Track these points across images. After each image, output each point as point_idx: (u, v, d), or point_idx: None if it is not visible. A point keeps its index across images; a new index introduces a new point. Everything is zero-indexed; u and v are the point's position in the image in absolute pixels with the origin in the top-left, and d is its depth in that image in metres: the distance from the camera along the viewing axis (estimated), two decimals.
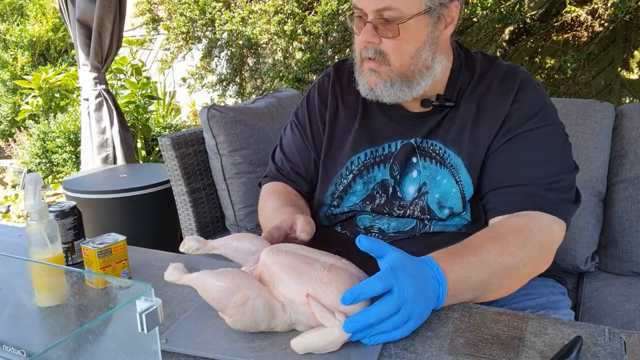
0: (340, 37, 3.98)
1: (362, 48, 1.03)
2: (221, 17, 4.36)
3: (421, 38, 1.01)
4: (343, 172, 1.13)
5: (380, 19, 0.99)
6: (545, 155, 1.02)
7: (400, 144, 1.10)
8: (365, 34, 1.00)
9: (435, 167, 1.07)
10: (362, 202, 1.11)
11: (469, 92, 1.07)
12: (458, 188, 1.05)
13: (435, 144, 1.08)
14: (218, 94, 4.67)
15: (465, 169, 1.05)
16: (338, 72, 1.22)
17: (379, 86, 1.04)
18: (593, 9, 3.49)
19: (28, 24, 5.99)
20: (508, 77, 1.07)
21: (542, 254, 0.96)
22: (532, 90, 1.05)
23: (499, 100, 1.05)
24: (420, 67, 1.03)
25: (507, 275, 0.91)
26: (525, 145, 1.02)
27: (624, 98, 3.79)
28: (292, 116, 1.28)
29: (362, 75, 1.06)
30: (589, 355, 0.75)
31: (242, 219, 1.88)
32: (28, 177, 0.91)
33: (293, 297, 0.79)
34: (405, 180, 1.09)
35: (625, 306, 1.40)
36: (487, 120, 1.04)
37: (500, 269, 0.90)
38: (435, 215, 1.06)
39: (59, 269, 0.86)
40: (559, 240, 0.99)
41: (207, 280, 0.78)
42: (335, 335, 0.75)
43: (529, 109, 1.03)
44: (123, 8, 2.95)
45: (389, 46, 1.01)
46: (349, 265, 0.85)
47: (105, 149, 3.10)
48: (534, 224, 0.96)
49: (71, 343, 0.58)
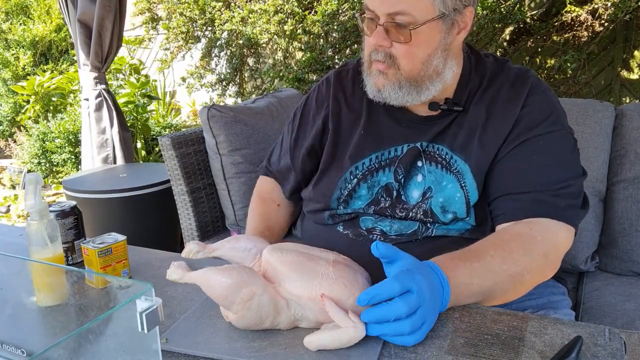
0: (341, 37, 3.97)
1: (372, 50, 1.01)
2: (221, 16, 4.36)
3: (433, 44, 0.99)
4: (347, 177, 1.12)
5: (392, 23, 0.96)
6: (555, 160, 1.01)
7: (406, 148, 1.08)
8: (376, 37, 0.98)
9: (440, 172, 1.06)
10: (366, 207, 1.11)
11: (478, 97, 1.06)
12: (463, 193, 1.03)
13: (441, 149, 1.06)
14: (218, 94, 4.67)
15: (472, 175, 1.03)
16: (340, 76, 1.20)
17: (387, 88, 1.02)
18: (593, 9, 3.49)
19: (32, 23, 5.99)
20: (518, 82, 1.05)
21: (547, 262, 0.95)
22: (542, 95, 1.04)
23: (509, 105, 1.03)
24: (430, 73, 1.01)
25: (511, 282, 0.91)
26: (535, 151, 1.01)
27: (624, 98, 3.78)
28: (291, 115, 1.30)
29: (370, 77, 1.05)
30: (589, 355, 0.75)
31: (242, 218, 1.88)
32: (28, 176, 0.91)
33: (301, 293, 0.79)
34: (410, 184, 1.08)
35: (625, 306, 1.39)
36: (496, 125, 1.03)
37: (504, 276, 0.89)
38: (438, 219, 1.05)
39: (59, 269, 0.86)
40: (566, 246, 0.98)
41: (212, 277, 0.78)
42: (349, 336, 0.75)
43: (539, 114, 1.02)
44: (123, 8, 2.95)
45: (399, 50, 0.99)
46: (348, 260, 0.87)
47: (105, 149, 3.10)
48: (539, 232, 0.95)
49: (71, 342, 0.58)
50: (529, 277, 0.93)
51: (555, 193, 0.98)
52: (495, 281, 0.88)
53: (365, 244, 1.08)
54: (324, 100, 1.19)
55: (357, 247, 1.08)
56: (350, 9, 3.94)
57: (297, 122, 1.25)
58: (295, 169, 1.24)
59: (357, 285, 0.80)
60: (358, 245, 1.09)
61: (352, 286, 0.79)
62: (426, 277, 0.78)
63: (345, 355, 0.76)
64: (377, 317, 0.74)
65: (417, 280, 0.75)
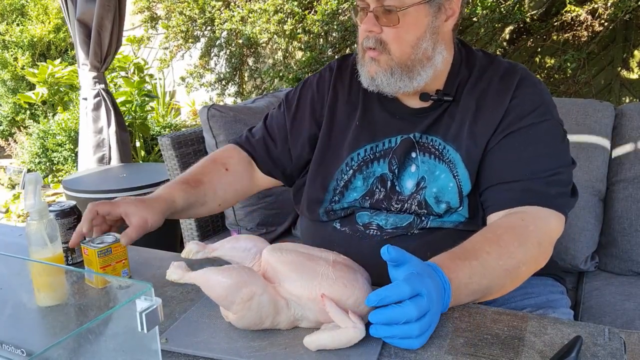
0: (340, 37, 3.97)
1: (364, 38, 1.05)
2: (220, 16, 4.36)
3: (421, 27, 1.03)
4: (343, 168, 1.14)
5: (381, 8, 1.01)
6: (545, 150, 1.02)
7: (400, 139, 1.11)
8: (366, 23, 1.03)
9: (434, 162, 1.08)
10: (362, 199, 1.12)
11: (469, 89, 1.08)
12: (455, 183, 1.05)
13: (435, 140, 1.09)
14: (217, 93, 4.67)
15: (463, 165, 1.05)
16: (341, 67, 1.23)
17: (379, 75, 1.05)
18: (593, 9, 3.49)
19: (29, 24, 5.98)
20: (507, 75, 1.08)
21: (540, 251, 0.97)
22: (532, 87, 1.06)
23: (498, 97, 1.05)
24: (420, 57, 1.04)
25: (508, 276, 0.92)
26: (524, 141, 1.03)
27: (624, 98, 3.79)
28: (283, 96, 1.30)
29: (363, 66, 1.08)
30: (588, 355, 0.75)
31: (242, 218, 1.88)
32: (28, 176, 0.91)
33: (301, 294, 0.79)
34: (404, 175, 1.10)
35: (625, 306, 1.40)
36: (486, 117, 1.05)
37: (501, 271, 0.90)
38: (432, 210, 1.06)
39: (58, 269, 0.86)
40: (557, 233, 1.00)
41: (212, 277, 0.78)
42: (349, 336, 0.75)
43: (529, 105, 1.04)
44: (123, 7, 2.95)
45: (389, 35, 1.02)
46: (348, 260, 0.87)
47: (101, 149, 3.10)
48: (531, 221, 0.96)
49: (71, 342, 0.58)
50: (525, 269, 0.94)
51: (546, 181, 1.00)
52: (492, 278, 0.89)
53: (363, 239, 1.09)
54: (325, 89, 1.22)
55: (355, 243, 1.09)
56: (350, 9, 3.93)
57: (295, 103, 1.24)
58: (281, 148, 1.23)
59: (357, 285, 0.80)
60: (356, 240, 1.10)
61: (352, 286, 0.79)
62: (434, 281, 0.78)
63: (344, 355, 0.76)
64: (387, 318, 0.74)
65: (426, 284, 0.76)
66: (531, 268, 0.97)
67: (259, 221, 1.87)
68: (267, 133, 1.26)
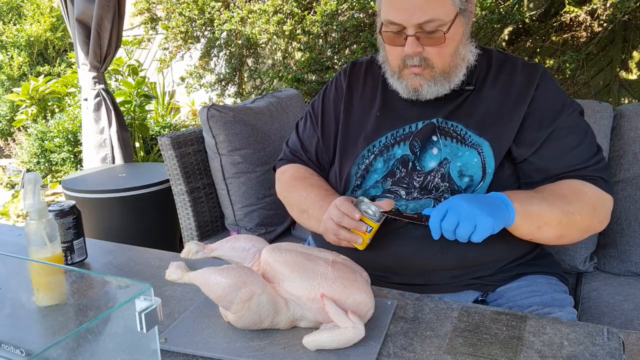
0: (340, 37, 3.97)
1: (406, 58, 1.09)
2: (220, 16, 4.36)
3: (458, 37, 1.10)
4: (365, 154, 1.19)
5: (422, 31, 1.05)
6: (582, 138, 1.12)
7: (421, 124, 1.16)
8: (411, 46, 1.07)
9: (456, 145, 1.13)
10: (383, 179, 1.16)
11: (492, 80, 1.15)
12: (480, 159, 1.11)
13: (457, 126, 1.14)
14: (217, 94, 4.67)
15: (489, 146, 1.11)
16: (354, 67, 1.31)
17: (424, 87, 1.11)
18: (592, 10, 3.49)
19: (25, 23, 5.97)
20: (527, 66, 1.16)
21: (595, 213, 1.06)
22: (553, 82, 1.16)
23: (523, 87, 1.13)
24: (458, 62, 1.12)
25: (564, 215, 1.02)
26: (565, 135, 1.11)
27: (623, 98, 3.79)
28: (309, 107, 1.37)
29: (402, 79, 1.13)
30: (587, 355, 0.75)
31: (242, 218, 1.88)
32: (27, 176, 0.91)
33: (300, 293, 0.79)
34: (426, 156, 1.15)
35: (623, 306, 1.40)
36: (512, 106, 1.12)
37: (558, 207, 1.01)
38: (454, 183, 1.11)
39: (58, 268, 0.86)
40: (609, 209, 1.10)
41: (211, 277, 0.78)
42: (348, 336, 0.75)
43: (557, 102, 1.12)
44: (122, 7, 2.95)
45: (431, 52, 1.08)
46: (347, 260, 0.88)
47: (104, 149, 3.10)
48: (589, 188, 1.07)
49: (70, 342, 0.58)
50: (579, 219, 1.03)
51: (594, 168, 1.10)
52: (551, 209, 1.01)
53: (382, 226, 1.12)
54: (342, 88, 1.29)
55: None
56: (349, 9, 3.93)
57: (320, 110, 1.31)
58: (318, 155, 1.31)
59: (356, 285, 0.80)
60: None
61: (351, 286, 0.80)
62: (462, 196, 0.97)
63: (344, 355, 0.76)
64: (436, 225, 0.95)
65: (450, 199, 0.96)
66: (585, 222, 1.05)
67: (258, 221, 1.87)
68: (306, 149, 1.33)
